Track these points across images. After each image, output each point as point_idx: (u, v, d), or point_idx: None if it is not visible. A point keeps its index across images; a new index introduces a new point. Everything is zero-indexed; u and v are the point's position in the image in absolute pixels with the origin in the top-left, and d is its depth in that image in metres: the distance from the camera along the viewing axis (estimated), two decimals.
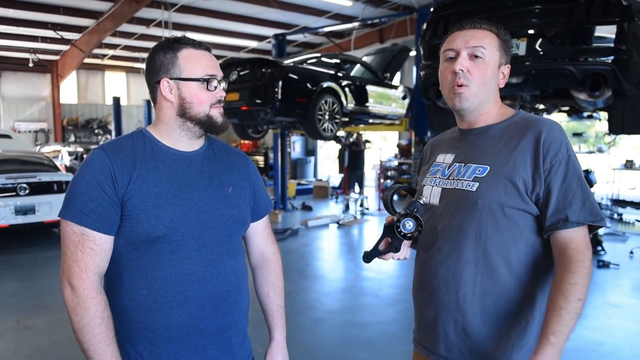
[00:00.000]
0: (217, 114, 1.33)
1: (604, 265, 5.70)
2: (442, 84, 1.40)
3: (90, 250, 1.23)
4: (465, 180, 1.32)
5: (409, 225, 1.33)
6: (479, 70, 1.32)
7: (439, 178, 1.41)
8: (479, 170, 1.31)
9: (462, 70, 1.31)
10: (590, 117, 6.47)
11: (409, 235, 1.34)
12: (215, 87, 1.32)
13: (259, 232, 1.56)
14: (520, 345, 1.28)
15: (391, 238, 1.39)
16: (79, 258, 1.22)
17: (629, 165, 9.41)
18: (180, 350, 1.30)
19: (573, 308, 1.17)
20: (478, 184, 1.29)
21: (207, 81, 1.31)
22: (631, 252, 6.41)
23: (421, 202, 1.35)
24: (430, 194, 1.41)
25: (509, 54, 1.38)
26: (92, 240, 1.23)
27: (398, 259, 1.42)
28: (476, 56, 1.32)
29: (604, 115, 5.99)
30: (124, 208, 1.25)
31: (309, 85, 6.77)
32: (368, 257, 1.42)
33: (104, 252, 1.25)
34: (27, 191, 6.67)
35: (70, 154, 15.40)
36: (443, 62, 1.39)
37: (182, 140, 1.35)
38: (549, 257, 1.29)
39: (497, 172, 1.28)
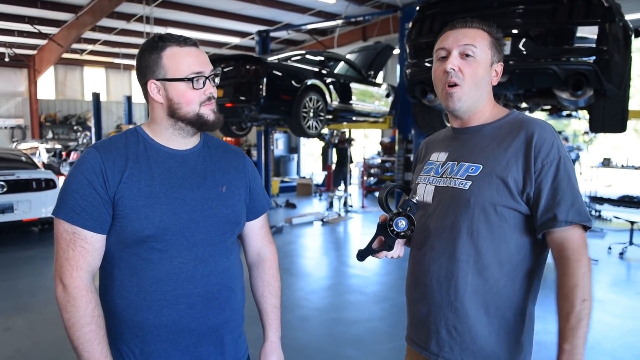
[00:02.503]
0: (208, 111, 1.31)
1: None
2: (435, 84, 1.41)
3: (82, 249, 1.23)
4: (458, 178, 1.33)
5: (401, 224, 1.34)
6: (470, 68, 1.32)
7: (432, 176, 1.42)
8: (472, 169, 1.32)
9: (453, 70, 1.32)
10: (569, 115, 6.59)
11: (401, 234, 1.35)
12: (204, 84, 1.29)
13: (256, 231, 1.55)
14: (511, 343, 1.30)
15: (384, 237, 1.39)
16: (70, 256, 1.22)
17: (606, 163, 9.62)
18: (170, 348, 1.30)
19: (580, 311, 1.17)
20: (470, 182, 1.30)
21: (192, 80, 1.27)
22: (609, 248, 6.57)
23: (414, 200, 1.36)
24: (424, 192, 1.42)
25: (501, 52, 1.38)
26: (83, 239, 1.23)
27: (392, 257, 1.43)
28: (467, 55, 1.32)
29: (582, 114, 6.12)
30: (115, 207, 1.25)
31: (293, 82, 6.75)
32: (361, 255, 1.42)
33: (96, 251, 1.26)
34: (4, 189, 6.51)
35: (48, 150, 15.13)
36: (435, 62, 1.40)
37: (176, 139, 1.34)
38: (540, 256, 1.32)
39: (489, 171, 1.29)
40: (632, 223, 6.38)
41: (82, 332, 1.21)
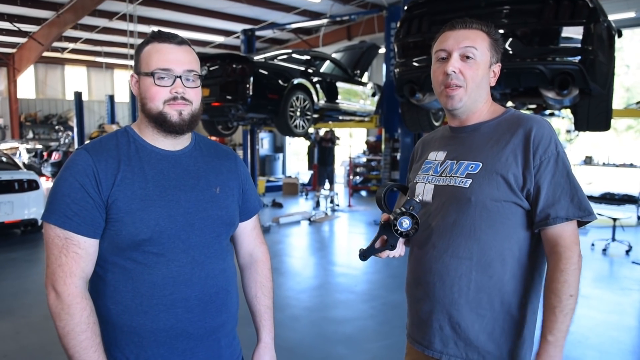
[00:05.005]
0: (171, 111, 1.26)
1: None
2: (434, 84, 1.42)
3: (75, 255, 1.19)
4: (458, 177, 1.34)
5: (405, 223, 1.34)
6: (471, 70, 1.34)
7: (432, 175, 1.43)
8: (472, 167, 1.33)
9: (454, 72, 1.33)
10: (552, 114, 6.70)
11: (405, 233, 1.35)
12: (173, 83, 1.25)
13: (248, 232, 1.53)
14: (514, 338, 1.32)
15: (387, 236, 1.39)
16: (63, 263, 1.18)
17: (588, 161, 9.79)
18: (167, 353, 1.27)
19: (566, 305, 1.21)
20: (471, 180, 1.31)
21: (153, 76, 1.24)
22: (592, 245, 6.69)
23: (417, 200, 1.36)
24: (423, 191, 1.43)
25: (499, 53, 1.40)
26: (76, 244, 1.20)
27: (393, 257, 1.44)
28: (467, 57, 1.33)
29: (565, 112, 6.22)
30: (108, 211, 1.22)
31: (280, 81, 6.74)
32: (364, 255, 1.42)
33: (89, 256, 1.22)
34: None
35: (28, 151, 14.87)
36: (435, 62, 1.40)
37: (159, 137, 1.31)
38: (542, 251, 1.33)
39: (489, 168, 1.30)
40: (614, 220, 6.50)
41: (78, 340, 1.17)
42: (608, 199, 9.08)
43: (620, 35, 4.63)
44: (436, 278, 1.35)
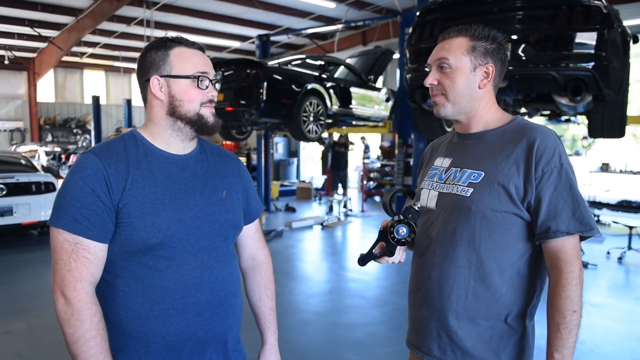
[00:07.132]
0: (208, 113, 1.30)
1: (582, 265, 5.83)
2: None
3: (85, 260, 1.18)
4: (460, 185, 1.34)
5: (402, 231, 1.34)
6: (448, 79, 1.36)
7: (436, 182, 1.43)
8: (474, 176, 1.33)
9: (432, 84, 1.39)
10: (568, 121, 6.62)
11: (402, 240, 1.35)
12: (207, 86, 1.29)
13: (250, 235, 1.54)
14: (512, 347, 1.31)
15: (385, 243, 1.40)
16: (72, 268, 1.17)
17: (604, 168, 9.64)
18: (176, 357, 1.28)
19: (570, 321, 1.21)
20: (472, 189, 1.31)
21: (197, 79, 1.28)
22: (608, 253, 6.59)
23: (415, 207, 1.36)
24: (427, 197, 1.43)
25: (489, 53, 1.35)
26: (86, 249, 1.19)
27: (393, 263, 1.44)
28: (442, 67, 1.37)
29: (581, 119, 6.14)
30: (119, 215, 1.22)
31: (293, 86, 6.77)
32: (363, 260, 1.43)
33: (99, 261, 1.21)
34: (4, 192, 6.51)
35: (47, 153, 15.11)
36: None
37: (174, 141, 1.32)
38: (541, 263, 1.33)
39: (491, 178, 1.30)
40: (631, 228, 6.39)
41: (87, 346, 1.16)
42: (625, 206, 8.93)
43: (636, 41, 4.57)
44: (435, 285, 1.36)
